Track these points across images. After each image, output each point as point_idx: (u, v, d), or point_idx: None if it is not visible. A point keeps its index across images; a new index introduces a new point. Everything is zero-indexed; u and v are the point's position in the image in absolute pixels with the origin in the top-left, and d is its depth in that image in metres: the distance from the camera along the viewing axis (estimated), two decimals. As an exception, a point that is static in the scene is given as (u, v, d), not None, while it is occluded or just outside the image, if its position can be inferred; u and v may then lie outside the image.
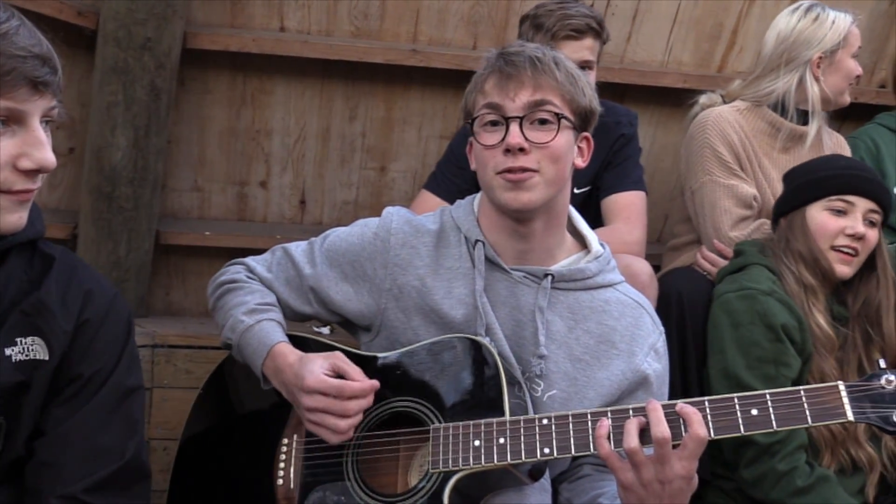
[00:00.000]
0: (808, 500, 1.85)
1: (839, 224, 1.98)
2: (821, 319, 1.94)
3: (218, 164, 2.80)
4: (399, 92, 2.85)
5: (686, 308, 2.11)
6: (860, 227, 1.97)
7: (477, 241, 1.62)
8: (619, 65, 2.98)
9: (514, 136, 1.51)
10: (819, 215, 2.00)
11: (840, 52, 2.43)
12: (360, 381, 1.48)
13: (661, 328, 1.67)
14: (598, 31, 2.39)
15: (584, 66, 2.29)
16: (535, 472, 1.47)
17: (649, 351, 1.61)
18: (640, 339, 1.61)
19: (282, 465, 1.59)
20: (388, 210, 1.73)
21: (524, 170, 1.52)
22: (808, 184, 2.03)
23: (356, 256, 1.68)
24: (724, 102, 2.55)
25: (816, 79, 2.42)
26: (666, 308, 1.78)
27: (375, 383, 1.49)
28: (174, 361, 2.42)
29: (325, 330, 2.42)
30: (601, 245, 1.69)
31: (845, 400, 1.32)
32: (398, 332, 1.64)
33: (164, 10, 2.32)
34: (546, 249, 1.63)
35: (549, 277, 1.60)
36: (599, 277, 1.64)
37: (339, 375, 1.49)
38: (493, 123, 1.55)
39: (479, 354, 1.51)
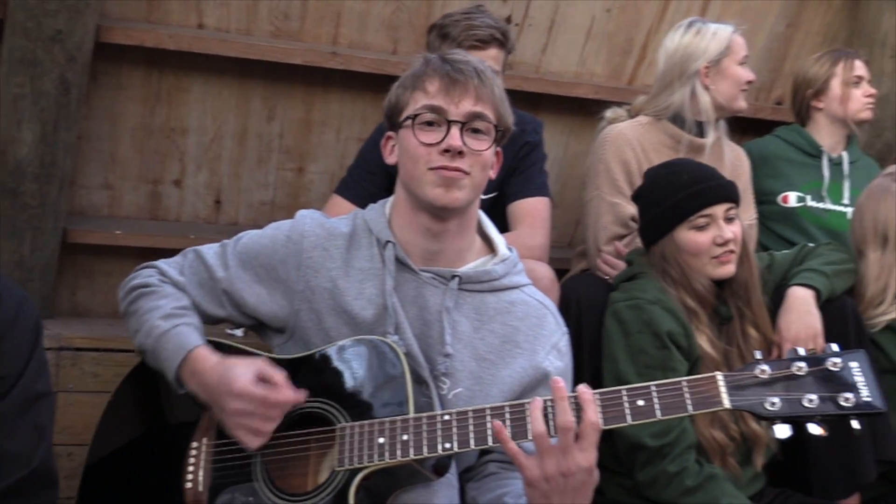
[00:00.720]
0: (697, 499, 1.94)
1: (707, 237, 2.06)
2: (704, 342, 2.03)
3: (130, 162, 2.73)
4: (318, 94, 2.85)
5: (583, 313, 2.21)
6: (726, 233, 2.05)
7: (388, 241, 1.66)
8: (535, 74, 3.07)
9: (457, 139, 1.58)
10: (686, 236, 2.07)
11: (726, 60, 2.59)
12: (287, 393, 1.50)
13: (565, 328, 1.73)
14: (502, 41, 2.45)
15: None
16: (440, 468, 1.51)
17: (551, 349, 1.67)
18: (542, 338, 1.67)
19: (190, 468, 1.58)
20: (300, 213, 1.75)
21: (458, 170, 1.58)
22: (665, 212, 2.09)
23: (269, 259, 1.69)
24: (630, 117, 2.67)
25: (706, 88, 2.57)
26: (565, 313, 1.85)
27: (301, 397, 1.52)
28: (80, 365, 2.35)
29: (238, 332, 2.40)
30: (508, 249, 1.75)
31: (722, 389, 1.40)
32: (311, 333, 1.65)
33: (77, 2, 2.25)
34: (456, 251, 1.68)
35: (456, 279, 1.65)
36: (506, 279, 1.70)
37: (265, 380, 1.51)
38: (430, 124, 1.61)
39: (386, 354, 1.54)
